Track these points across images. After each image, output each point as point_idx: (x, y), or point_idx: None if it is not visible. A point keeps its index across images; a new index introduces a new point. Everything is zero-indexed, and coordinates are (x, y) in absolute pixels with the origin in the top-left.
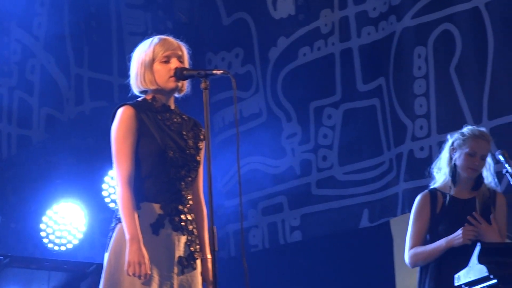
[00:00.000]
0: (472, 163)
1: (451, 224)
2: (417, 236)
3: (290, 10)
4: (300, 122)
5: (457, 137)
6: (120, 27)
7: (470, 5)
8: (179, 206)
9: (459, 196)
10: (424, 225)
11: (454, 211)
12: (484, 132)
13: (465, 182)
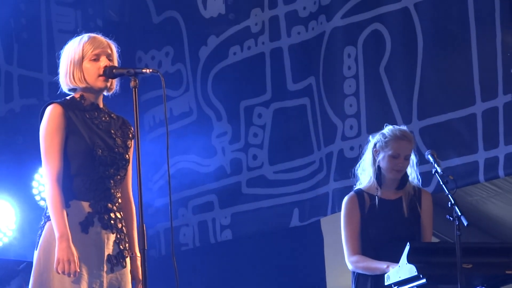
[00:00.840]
0: (396, 165)
1: (380, 226)
2: (353, 239)
3: (220, 9)
4: (230, 121)
5: (379, 139)
6: (50, 25)
7: (399, 6)
8: (108, 204)
9: (386, 197)
10: (356, 227)
11: (382, 213)
12: (405, 132)
13: (390, 182)
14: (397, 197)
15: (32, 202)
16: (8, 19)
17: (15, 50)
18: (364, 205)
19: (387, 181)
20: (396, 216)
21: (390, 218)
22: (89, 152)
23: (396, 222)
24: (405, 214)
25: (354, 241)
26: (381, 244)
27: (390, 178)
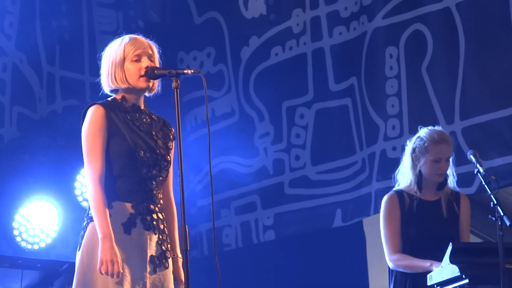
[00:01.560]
0: (438, 169)
1: (421, 227)
2: (393, 238)
3: (261, 10)
4: (273, 122)
5: (417, 144)
6: (91, 26)
7: (441, 6)
8: (151, 205)
9: (426, 198)
10: (397, 226)
11: (422, 214)
12: (443, 135)
13: (431, 185)
14: (436, 198)
15: (74, 203)
16: (50, 21)
17: (57, 52)
18: (404, 204)
19: (428, 184)
20: (436, 217)
21: (429, 218)
22: (132, 154)
23: (435, 222)
24: (444, 214)
25: (394, 239)
26: (420, 243)
27: (432, 181)
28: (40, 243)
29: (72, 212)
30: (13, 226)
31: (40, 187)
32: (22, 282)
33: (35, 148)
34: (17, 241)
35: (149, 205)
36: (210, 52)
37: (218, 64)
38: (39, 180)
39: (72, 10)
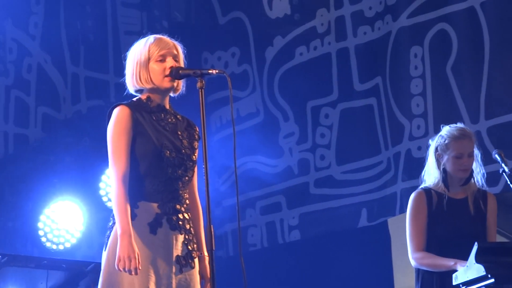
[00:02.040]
0: (461, 165)
1: (448, 225)
2: (418, 236)
3: (285, 10)
4: (297, 122)
5: (439, 142)
6: (115, 26)
7: (465, 5)
8: (177, 205)
9: (453, 196)
10: (422, 224)
11: (450, 211)
12: (463, 130)
13: (457, 181)
14: (463, 196)
15: (99, 203)
16: (74, 21)
17: (82, 52)
18: (432, 202)
19: (454, 181)
20: (463, 215)
21: (457, 216)
22: (157, 154)
23: (463, 220)
24: (472, 212)
25: (419, 237)
26: (447, 242)
27: (458, 178)
28: (65, 244)
29: (97, 212)
30: (38, 227)
31: (65, 188)
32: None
33: (59, 148)
34: (42, 242)
35: (175, 205)
36: (235, 52)
37: (242, 64)
38: (64, 181)
39: (97, 10)
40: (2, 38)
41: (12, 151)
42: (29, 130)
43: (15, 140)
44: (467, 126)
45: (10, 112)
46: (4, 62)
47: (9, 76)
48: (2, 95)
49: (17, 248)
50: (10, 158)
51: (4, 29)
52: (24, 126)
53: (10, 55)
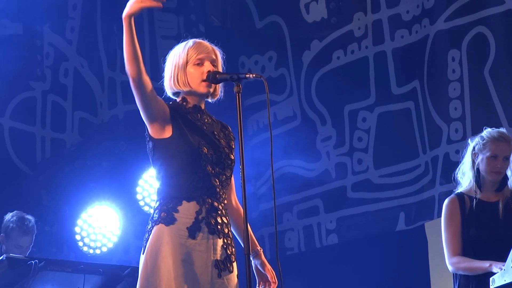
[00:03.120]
0: (494, 166)
1: (480, 228)
2: (454, 241)
3: (322, 14)
4: (335, 125)
5: (477, 142)
6: (152, 31)
7: (503, 8)
8: (215, 202)
9: (486, 199)
10: (457, 229)
11: (482, 215)
12: (503, 133)
13: (490, 185)
14: (497, 200)
15: (136, 207)
16: (111, 26)
17: (118, 57)
18: (465, 207)
19: (487, 183)
20: (493, 218)
21: (489, 219)
22: (195, 151)
23: (495, 223)
24: (500, 215)
25: (455, 242)
26: (481, 244)
27: (490, 180)
28: (102, 248)
29: (134, 217)
30: (75, 231)
31: (102, 192)
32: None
33: (96, 153)
34: (79, 246)
35: (213, 202)
36: (272, 56)
37: (279, 68)
38: (100, 185)
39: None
40: (39, 43)
41: (49, 155)
42: (66, 134)
43: (52, 145)
44: (506, 129)
45: (47, 116)
46: (41, 67)
47: (46, 81)
48: (39, 99)
49: (54, 252)
50: (47, 162)
51: (41, 34)
52: (61, 131)
53: (47, 60)
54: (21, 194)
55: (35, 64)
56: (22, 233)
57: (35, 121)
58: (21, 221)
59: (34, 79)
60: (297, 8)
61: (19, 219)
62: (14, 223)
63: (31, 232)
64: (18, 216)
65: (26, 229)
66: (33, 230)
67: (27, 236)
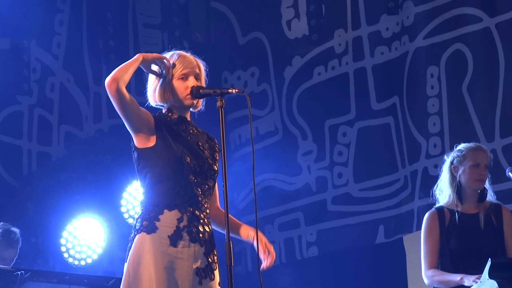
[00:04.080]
0: (478, 174)
1: (461, 239)
2: (431, 254)
3: (304, 30)
4: (316, 140)
5: (455, 155)
6: (137, 46)
7: (481, 26)
8: (196, 211)
9: (466, 212)
10: (435, 243)
11: (462, 227)
12: (480, 144)
13: (471, 196)
14: (477, 211)
15: (120, 219)
16: (97, 41)
17: (103, 71)
18: (444, 221)
19: (468, 196)
20: (475, 230)
21: (469, 231)
22: (178, 160)
23: (475, 235)
24: (482, 227)
25: (432, 256)
26: (460, 256)
27: (472, 191)
28: (87, 259)
29: (118, 229)
30: (61, 243)
31: (87, 204)
32: None
33: (82, 166)
34: (64, 257)
35: (195, 211)
36: (254, 72)
37: (261, 83)
38: (86, 197)
39: (119, 31)
40: (26, 58)
41: (35, 168)
42: (52, 148)
43: (38, 158)
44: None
45: (33, 130)
46: (28, 81)
47: (33, 95)
48: (26, 113)
49: (39, 263)
50: (33, 175)
51: (28, 49)
52: (47, 144)
53: (34, 75)
54: (7, 206)
55: (22, 79)
56: (7, 246)
57: (22, 134)
58: (7, 234)
59: (21, 93)
60: (279, 25)
61: (5, 232)
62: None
63: (15, 245)
64: (4, 229)
65: (11, 242)
66: (18, 243)
67: (12, 249)
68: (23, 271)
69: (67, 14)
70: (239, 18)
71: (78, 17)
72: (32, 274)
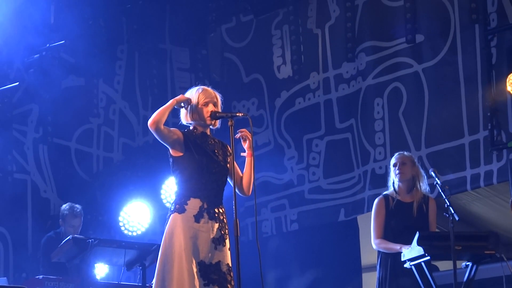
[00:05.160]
0: (396, 171)
1: (398, 221)
2: (378, 228)
3: (289, 73)
4: (297, 149)
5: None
6: (173, 84)
7: (412, 70)
8: (214, 199)
9: (403, 200)
10: (382, 220)
11: (400, 211)
12: (400, 152)
13: (402, 187)
14: (411, 201)
15: (160, 204)
16: (145, 80)
17: (150, 101)
18: (389, 205)
19: (400, 187)
20: (408, 215)
21: (404, 215)
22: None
23: (408, 218)
24: (415, 212)
25: (378, 230)
26: (398, 232)
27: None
28: (137, 231)
29: (159, 210)
30: (119, 220)
31: (138, 193)
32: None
33: (134, 166)
34: (121, 230)
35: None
36: (254, 101)
37: (259, 109)
38: (137, 188)
39: (160, 72)
40: (95, 91)
41: (102, 168)
42: (113, 153)
43: (104, 161)
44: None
45: (100, 141)
46: (97, 108)
47: (100, 117)
48: (95, 129)
49: (104, 234)
50: (100, 173)
51: (97, 85)
52: (110, 151)
53: (101, 103)
54: (83, 195)
55: (93, 105)
56: (73, 216)
57: (92, 144)
58: (72, 208)
59: (92, 116)
60: (271, 69)
61: (70, 207)
62: (67, 210)
63: (79, 215)
64: (69, 205)
65: (75, 213)
66: (81, 214)
67: (77, 218)
68: (93, 239)
69: (124, 61)
70: (244, 64)
71: (132, 62)
72: (99, 242)
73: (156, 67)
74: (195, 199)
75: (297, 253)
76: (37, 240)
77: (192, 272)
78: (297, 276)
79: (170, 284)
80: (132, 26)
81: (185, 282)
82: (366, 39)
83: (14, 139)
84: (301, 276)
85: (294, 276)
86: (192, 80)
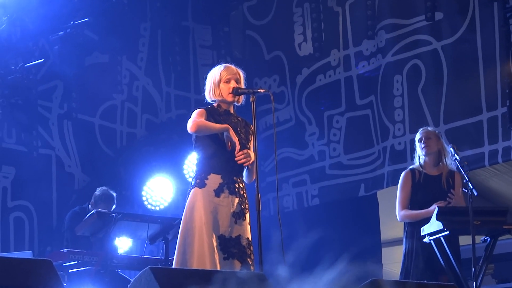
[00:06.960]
0: (422, 145)
1: (426, 193)
2: (403, 201)
3: (310, 50)
4: (318, 125)
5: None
6: (195, 60)
7: (431, 47)
8: (234, 177)
9: (430, 173)
10: (407, 193)
11: (428, 184)
12: (424, 127)
13: (428, 162)
14: (439, 174)
15: (183, 179)
16: (167, 57)
17: (172, 77)
18: (415, 178)
19: (426, 162)
20: (437, 186)
21: (431, 187)
22: (221, 143)
23: (436, 191)
24: (444, 185)
25: (404, 202)
26: (425, 204)
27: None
28: (160, 206)
29: (181, 185)
30: (142, 194)
31: (160, 168)
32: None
33: (157, 142)
34: (145, 204)
35: (233, 177)
36: (276, 78)
37: (281, 86)
38: (159, 163)
39: (183, 50)
40: (119, 68)
41: (125, 143)
42: (137, 129)
43: (127, 137)
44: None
45: (124, 117)
46: (121, 84)
47: (124, 93)
48: (119, 106)
49: (128, 208)
50: (124, 149)
51: (121, 62)
52: (133, 127)
53: (124, 79)
54: (107, 170)
55: (116, 82)
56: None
57: (116, 120)
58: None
59: (115, 92)
60: (292, 46)
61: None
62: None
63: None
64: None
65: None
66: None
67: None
68: (117, 213)
69: (147, 38)
70: (266, 42)
71: (155, 40)
72: (123, 216)
73: (179, 44)
74: (215, 175)
75: (318, 227)
76: (61, 214)
77: (212, 246)
78: (317, 250)
79: (190, 257)
80: (155, 3)
81: (205, 255)
82: (386, 16)
83: (39, 115)
84: (321, 251)
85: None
86: (214, 57)
